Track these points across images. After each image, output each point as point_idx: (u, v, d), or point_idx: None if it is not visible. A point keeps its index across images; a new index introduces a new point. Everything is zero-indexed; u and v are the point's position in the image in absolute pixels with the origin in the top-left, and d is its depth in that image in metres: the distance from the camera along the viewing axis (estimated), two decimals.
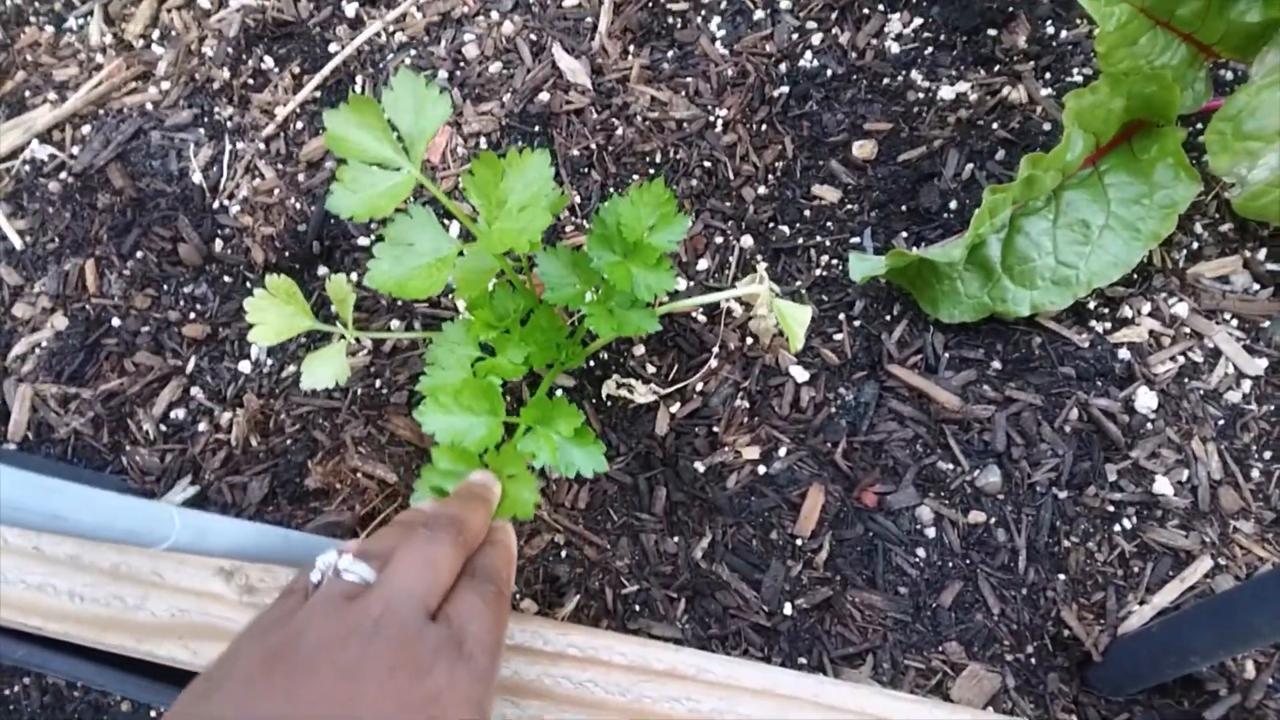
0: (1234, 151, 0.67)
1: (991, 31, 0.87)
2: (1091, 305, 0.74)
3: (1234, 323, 0.73)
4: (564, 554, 0.72)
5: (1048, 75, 0.84)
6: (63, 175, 0.90)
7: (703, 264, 0.82)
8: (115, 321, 0.84)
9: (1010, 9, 0.87)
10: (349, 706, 0.38)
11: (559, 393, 0.78)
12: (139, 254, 0.86)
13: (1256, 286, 0.74)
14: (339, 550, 0.46)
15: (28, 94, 0.95)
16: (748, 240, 0.82)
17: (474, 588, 0.47)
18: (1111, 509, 0.69)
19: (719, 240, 0.83)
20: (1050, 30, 0.86)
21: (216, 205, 0.87)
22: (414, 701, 0.40)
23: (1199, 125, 0.76)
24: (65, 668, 0.77)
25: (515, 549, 0.55)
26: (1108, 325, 0.74)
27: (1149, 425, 0.70)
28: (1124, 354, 0.72)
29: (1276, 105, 0.65)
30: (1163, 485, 0.69)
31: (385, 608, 0.42)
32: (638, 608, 0.70)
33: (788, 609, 0.69)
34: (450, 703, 0.41)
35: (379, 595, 0.43)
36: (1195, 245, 0.76)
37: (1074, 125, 0.67)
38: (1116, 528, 0.68)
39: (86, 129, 0.92)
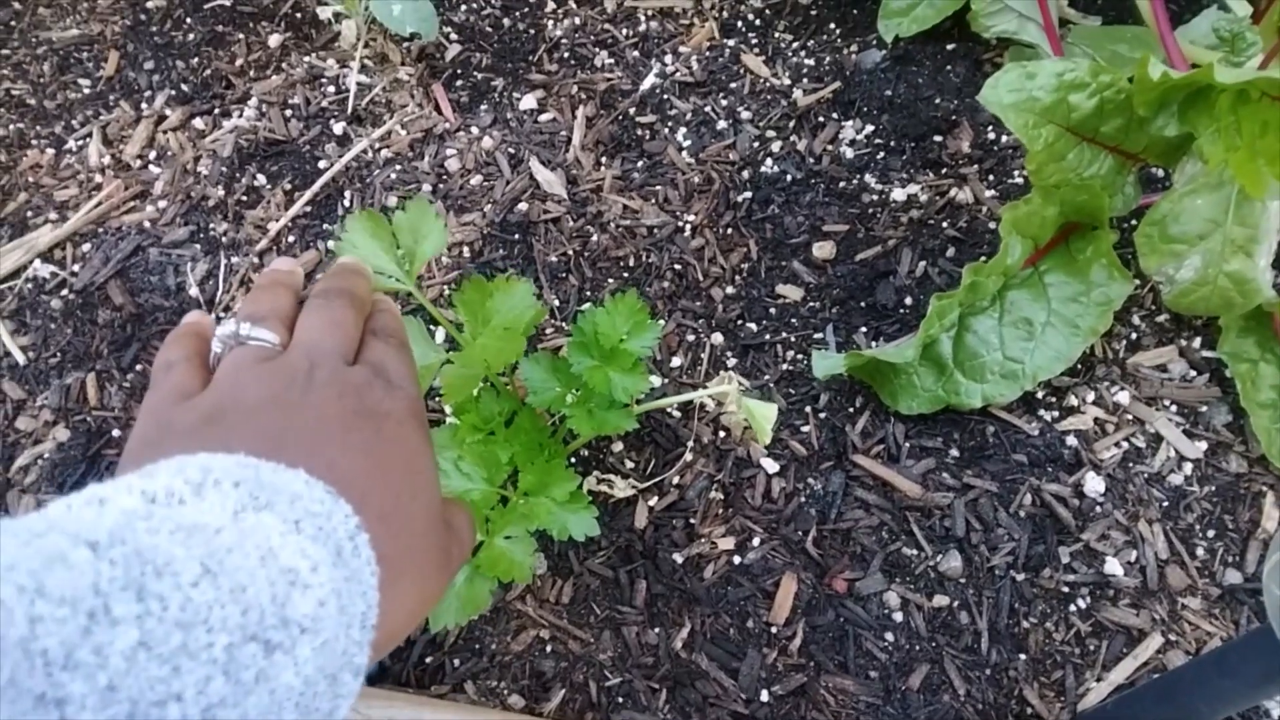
0: (1161, 253, 0.73)
1: (938, 137, 0.94)
2: (1040, 395, 0.79)
3: (1173, 409, 0.78)
4: (549, 649, 0.75)
5: (990, 177, 0.91)
6: (64, 292, 0.95)
7: (676, 361, 0.87)
8: (116, 432, 0.87)
9: (954, 116, 0.94)
10: (318, 428, 0.38)
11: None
12: (139, 367, 0.90)
13: (1193, 373, 0.79)
14: (235, 318, 0.44)
15: (29, 214, 1.00)
16: (718, 338, 0.87)
17: (379, 340, 0.46)
18: (1066, 590, 0.73)
19: (690, 338, 0.88)
20: (991, 135, 0.92)
21: (213, 317, 0.92)
22: (367, 411, 0.40)
23: (1134, 222, 0.82)
24: None
25: (400, 314, 0.54)
26: (1055, 414, 0.79)
27: (1098, 508, 0.75)
28: (1071, 441, 0.77)
29: (1197, 211, 0.71)
30: (1113, 566, 0.73)
31: (309, 361, 0.41)
32: (621, 699, 0.73)
33: (765, 696, 0.72)
34: (400, 417, 0.41)
35: (300, 352, 0.42)
36: (1134, 336, 0.81)
37: (1011, 234, 0.73)
38: (1072, 608, 0.72)
39: (86, 247, 0.97)
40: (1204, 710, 0.58)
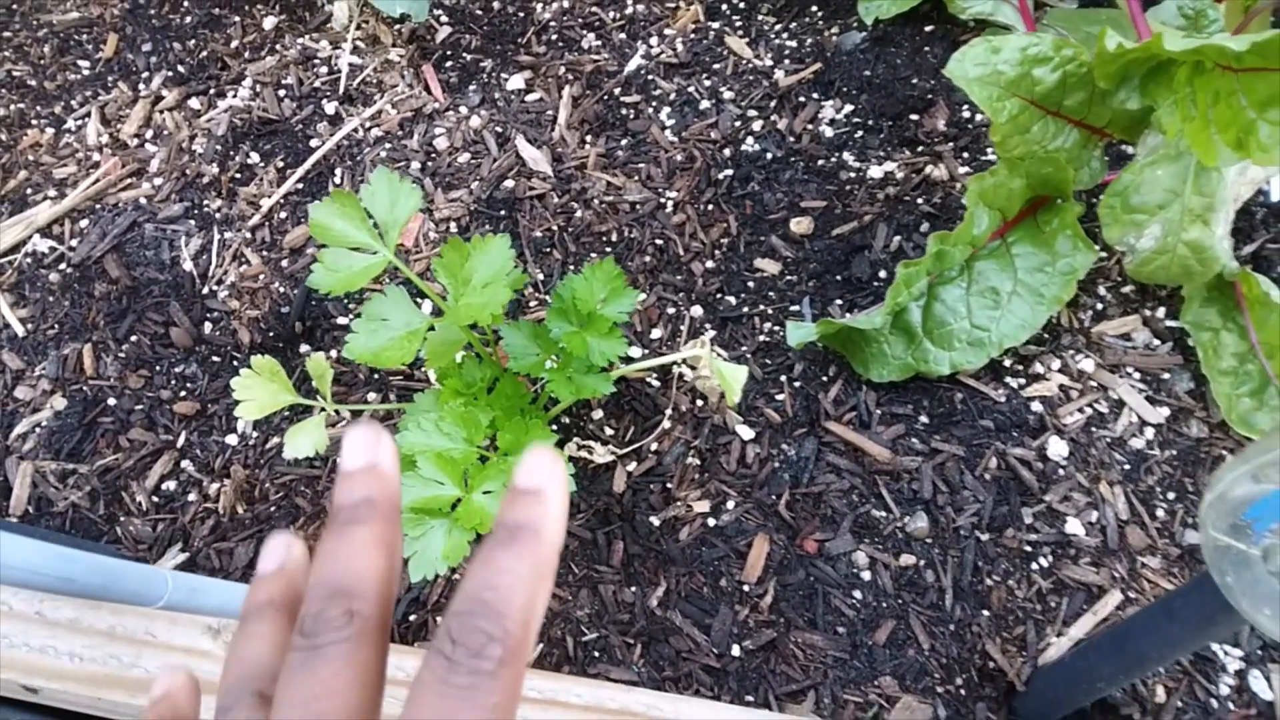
0: (1123, 223, 0.75)
1: (914, 116, 0.96)
2: (1007, 363, 0.82)
3: (1136, 376, 0.80)
4: None
5: (965, 155, 0.93)
6: (62, 266, 0.97)
7: (656, 333, 0.89)
8: (111, 401, 0.90)
9: (930, 96, 0.96)
10: None
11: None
12: (133, 338, 0.92)
13: (1156, 342, 0.81)
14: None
15: (29, 191, 1.03)
16: (697, 310, 0.90)
17: None
18: (1029, 549, 0.75)
19: (671, 311, 0.90)
20: (966, 114, 0.95)
21: (205, 291, 0.94)
22: None
23: (1101, 196, 0.84)
24: None
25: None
26: (1022, 381, 0.81)
27: (1061, 471, 0.77)
28: (1036, 407, 0.79)
29: (1158, 182, 0.73)
30: (1075, 526, 0.75)
31: None
32: (597, 653, 0.75)
33: (736, 651, 0.74)
34: None
35: None
36: (1100, 306, 0.83)
37: (978, 204, 0.75)
38: (1034, 566, 0.75)
39: (84, 223, 1.00)
40: (1153, 655, 0.60)
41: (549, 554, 0.30)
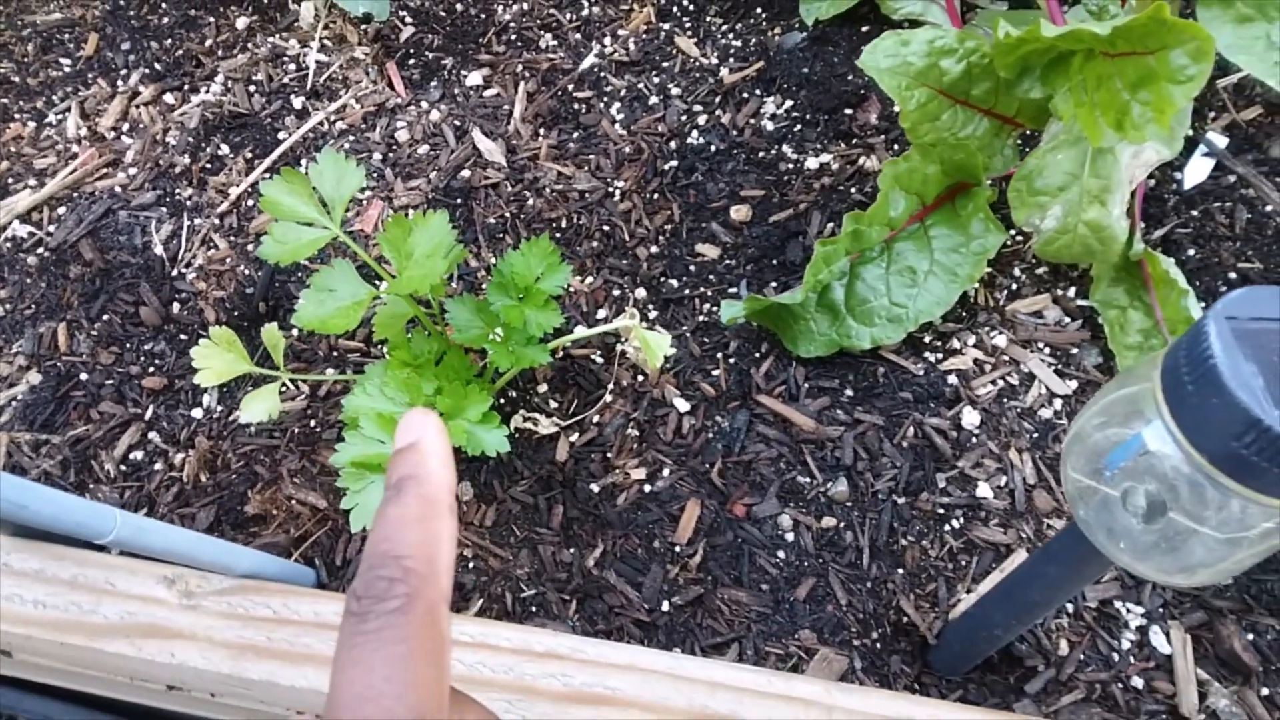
0: (1028, 205, 0.80)
1: (849, 111, 1.01)
2: (926, 339, 0.87)
3: (1046, 350, 0.85)
4: (470, 565, 0.82)
5: (895, 146, 0.98)
6: (40, 250, 1.02)
7: (602, 313, 0.94)
8: (83, 376, 0.94)
9: (864, 92, 1.01)
10: None
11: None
12: (105, 317, 0.97)
13: (1067, 319, 0.86)
14: None
15: (10, 181, 1.08)
16: (641, 292, 0.94)
17: None
18: (941, 511, 0.80)
19: (616, 293, 0.95)
20: (897, 109, 0.99)
21: (175, 273, 0.99)
22: None
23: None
24: (38, 708, 0.86)
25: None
26: (939, 355, 0.86)
27: (973, 439, 0.82)
28: (952, 379, 0.84)
29: (1058, 166, 0.78)
30: (985, 490, 0.80)
31: None
32: (534, 609, 0.80)
33: (665, 606, 0.79)
34: None
35: None
36: (1014, 286, 0.88)
37: (893, 187, 0.80)
38: (946, 527, 0.79)
39: (62, 210, 1.04)
40: (1038, 600, 0.64)
41: (436, 494, 0.31)
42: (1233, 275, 0.86)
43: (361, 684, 0.26)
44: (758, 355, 0.89)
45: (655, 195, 0.99)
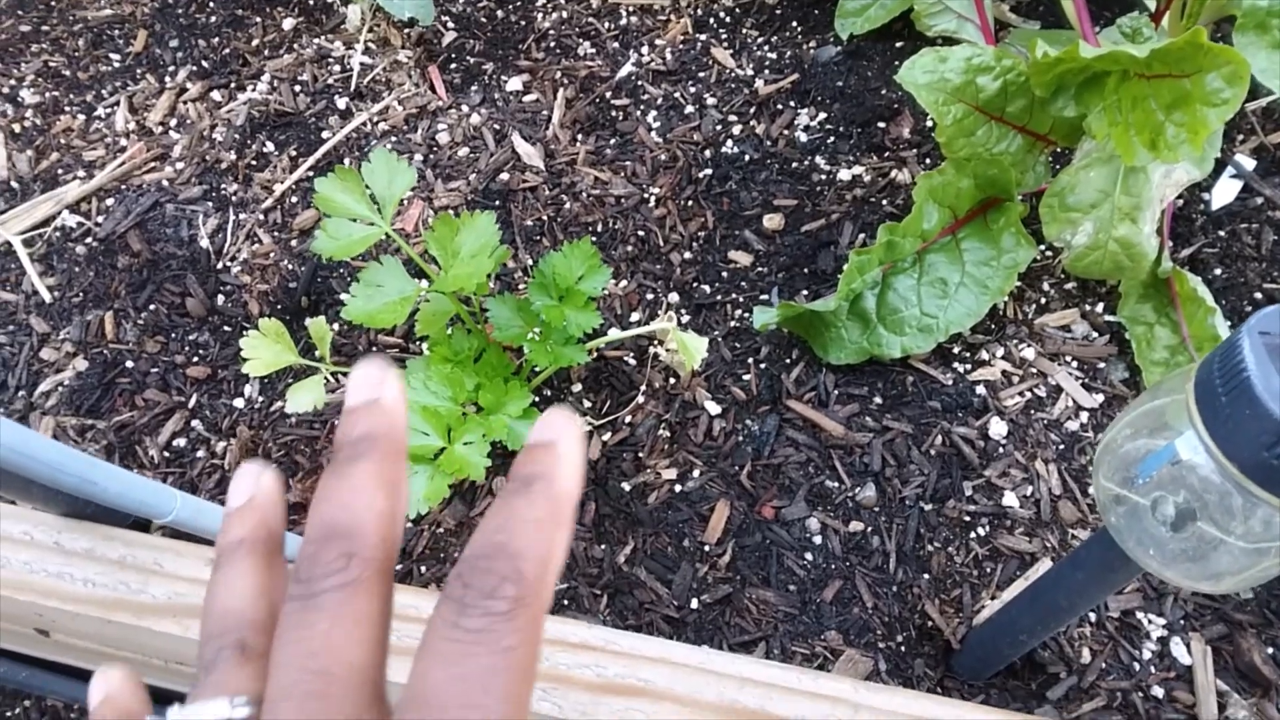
0: (1060, 221, 0.82)
1: (882, 124, 1.03)
2: (955, 349, 0.88)
3: (1074, 364, 0.86)
4: None
5: (927, 160, 1.00)
6: (88, 240, 1.05)
7: (635, 316, 0.96)
8: (129, 364, 0.97)
9: (897, 106, 1.03)
10: None
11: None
12: (152, 307, 0.99)
13: (1094, 334, 0.88)
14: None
15: (60, 172, 1.10)
16: (674, 297, 0.96)
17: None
18: (968, 519, 0.81)
19: (650, 297, 0.97)
20: (930, 123, 1.02)
21: (220, 266, 1.02)
22: None
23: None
24: (65, 690, 0.89)
25: None
26: (968, 366, 0.87)
27: (1000, 449, 0.83)
28: (980, 390, 0.86)
29: (1091, 183, 0.80)
30: (1011, 499, 0.81)
31: None
32: (566, 603, 0.81)
33: (694, 604, 0.81)
34: None
35: None
36: (1043, 300, 0.90)
37: (926, 200, 0.82)
38: (972, 535, 0.81)
39: (110, 201, 1.07)
40: (1064, 605, 0.66)
41: (564, 501, 0.29)
42: (1258, 295, 0.88)
43: (458, 690, 0.25)
44: (788, 361, 0.91)
45: (690, 202, 1.01)
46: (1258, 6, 0.62)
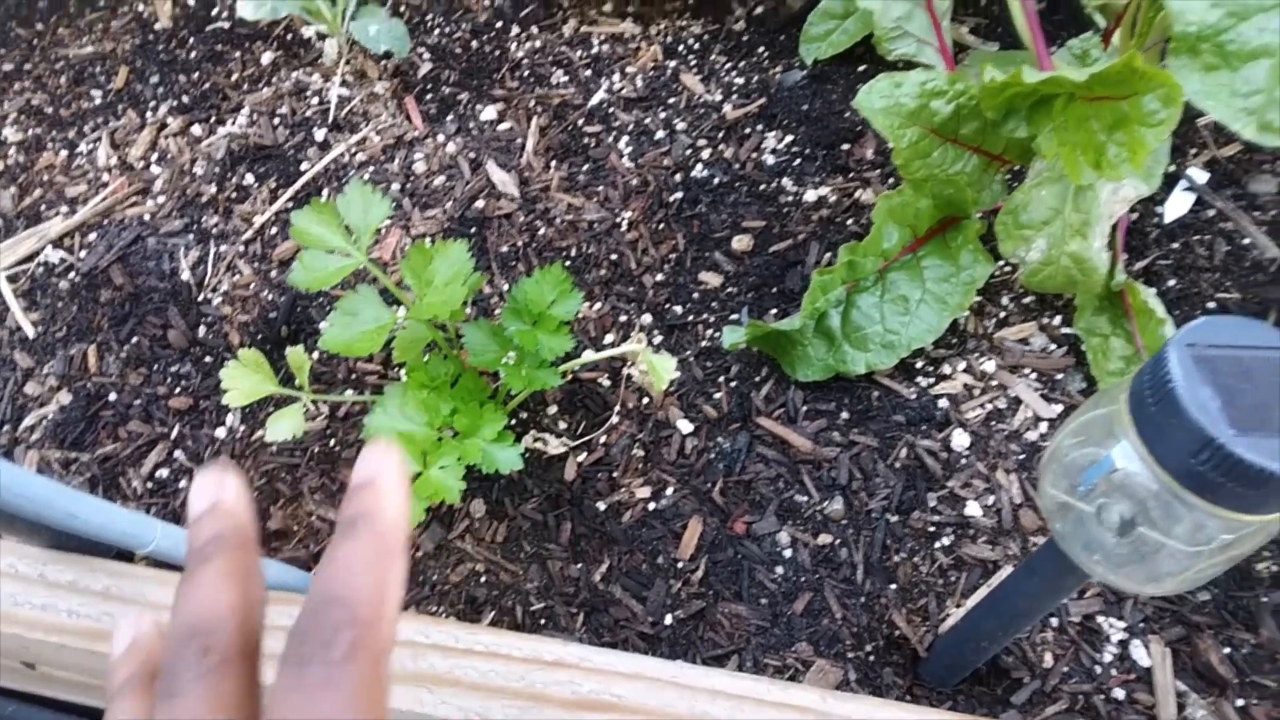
0: (1015, 238, 0.85)
1: (846, 146, 1.06)
2: (918, 364, 0.91)
3: (1033, 376, 0.89)
4: (483, 579, 0.86)
5: (890, 181, 1.02)
6: (71, 275, 1.07)
7: (609, 338, 0.98)
8: (112, 396, 0.99)
9: (860, 128, 1.06)
10: None
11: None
12: (134, 339, 1.01)
13: (1052, 346, 0.90)
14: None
15: (43, 207, 1.13)
16: (647, 318, 0.99)
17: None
18: (932, 529, 0.83)
19: (623, 319, 0.99)
20: (890, 145, 1.04)
21: (201, 298, 1.04)
22: None
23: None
24: None
25: None
26: (931, 380, 0.90)
27: (963, 460, 0.86)
28: (943, 403, 0.88)
29: (1042, 201, 0.83)
30: (973, 509, 0.84)
31: None
32: (543, 621, 0.83)
33: (668, 619, 0.82)
34: None
35: None
36: (1002, 314, 0.92)
37: (886, 220, 0.85)
38: (936, 545, 0.83)
39: (93, 236, 1.09)
40: (1022, 610, 0.68)
41: (391, 535, 0.30)
42: (1211, 305, 0.91)
43: None
44: (758, 379, 0.93)
45: (661, 226, 1.04)
46: (1188, 32, 0.64)
